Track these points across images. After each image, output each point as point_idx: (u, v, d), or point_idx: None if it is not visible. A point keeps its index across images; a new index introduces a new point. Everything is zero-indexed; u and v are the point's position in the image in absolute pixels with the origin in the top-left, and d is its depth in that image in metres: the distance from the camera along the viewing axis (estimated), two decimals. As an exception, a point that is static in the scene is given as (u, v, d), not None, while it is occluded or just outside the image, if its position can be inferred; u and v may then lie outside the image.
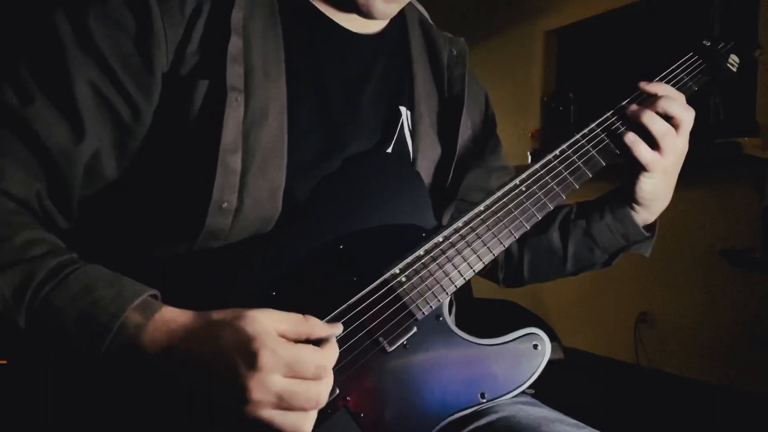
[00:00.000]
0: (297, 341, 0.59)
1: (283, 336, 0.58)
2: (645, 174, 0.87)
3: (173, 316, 0.60)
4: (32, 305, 0.58)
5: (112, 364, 0.58)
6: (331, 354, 0.59)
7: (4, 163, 0.64)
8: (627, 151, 0.85)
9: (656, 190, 0.89)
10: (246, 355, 0.55)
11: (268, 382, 0.54)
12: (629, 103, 0.88)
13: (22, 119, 0.65)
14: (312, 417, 0.58)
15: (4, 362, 0.64)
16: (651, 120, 0.84)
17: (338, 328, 0.63)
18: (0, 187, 0.64)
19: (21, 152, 0.65)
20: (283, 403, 0.55)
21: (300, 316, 0.60)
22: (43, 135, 0.65)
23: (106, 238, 0.71)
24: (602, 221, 0.94)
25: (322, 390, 0.58)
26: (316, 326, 0.60)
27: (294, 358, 0.56)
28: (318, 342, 0.60)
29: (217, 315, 0.59)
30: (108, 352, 0.58)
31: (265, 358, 0.55)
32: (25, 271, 0.59)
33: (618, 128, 0.87)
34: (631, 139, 0.84)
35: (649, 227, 0.95)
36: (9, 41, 0.68)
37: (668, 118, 0.84)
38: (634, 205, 0.91)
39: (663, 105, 0.84)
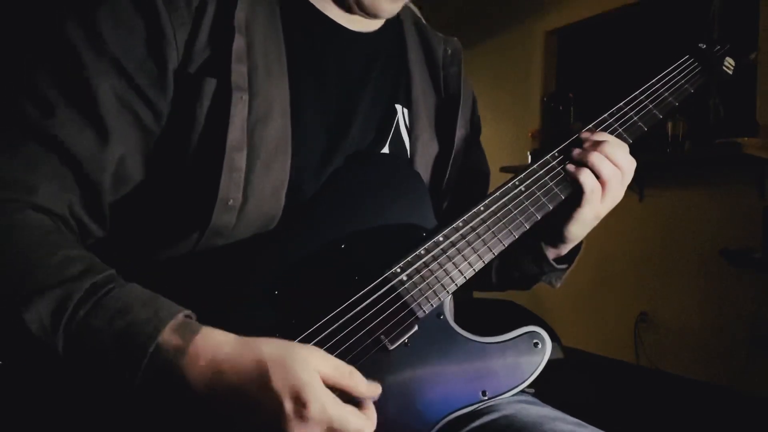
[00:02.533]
0: (334, 389, 0.59)
1: (324, 379, 0.58)
2: (579, 213, 0.83)
3: (217, 342, 0.58)
4: (69, 328, 0.57)
5: (150, 389, 0.57)
6: (371, 424, 0.60)
7: (35, 177, 0.64)
8: (577, 185, 0.82)
9: (581, 234, 0.87)
10: (296, 401, 0.55)
11: None
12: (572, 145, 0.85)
13: (47, 131, 0.64)
14: None
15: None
16: (600, 161, 0.81)
17: (378, 390, 0.63)
18: (33, 201, 0.63)
19: (50, 164, 0.64)
20: None
21: (348, 368, 0.60)
22: (69, 144, 0.65)
23: (114, 238, 0.72)
24: (519, 245, 0.90)
25: None
26: (360, 384, 0.61)
27: (339, 418, 0.57)
28: (358, 403, 0.61)
29: (266, 349, 0.58)
30: (146, 376, 0.56)
31: (314, 411, 0.55)
32: (61, 294, 0.58)
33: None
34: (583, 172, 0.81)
35: (566, 257, 0.93)
36: (21, 55, 0.68)
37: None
38: (552, 243, 0.89)
39: (607, 150, 0.81)
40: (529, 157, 3.88)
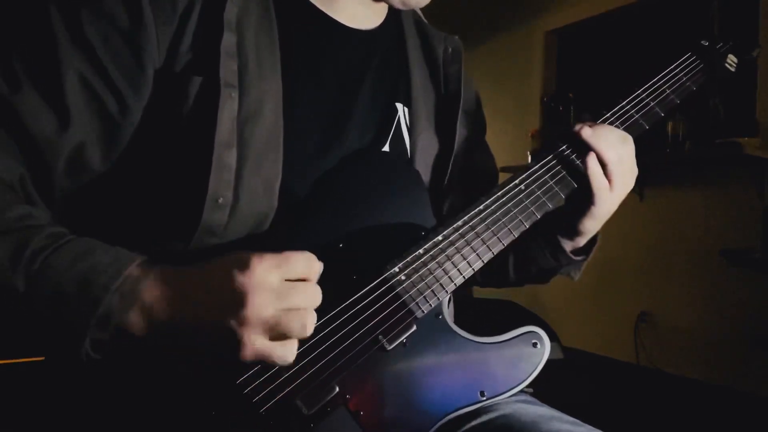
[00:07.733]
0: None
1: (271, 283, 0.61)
2: (593, 207, 0.85)
3: (169, 269, 0.63)
4: (31, 267, 0.59)
5: (110, 322, 0.60)
6: (315, 291, 0.63)
7: None
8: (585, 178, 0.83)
9: (595, 228, 0.89)
10: (234, 302, 0.59)
11: (262, 303, 0.59)
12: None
13: (9, 105, 0.65)
14: (295, 346, 0.62)
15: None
16: (604, 146, 0.82)
17: (316, 263, 0.66)
18: None
19: (5, 138, 0.66)
20: (272, 326, 0.59)
21: (281, 258, 0.63)
22: (28, 122, 0.65)
23: (103, 235, 0.72)
24: (536, 240, 0.92)
25: (309, 319, 0.61)
26: (296, 265, 0.64)
27: (284, 286, 0.61)
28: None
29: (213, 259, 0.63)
30: (105, 312, 0.59)
31: (259, 276, 0.59)
32: (21, 237, 0.61)
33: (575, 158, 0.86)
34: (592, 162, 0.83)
35: (583, 249, 0.94)
36: (1, 30, 0.68)
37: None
38: (568, 236, 0.91)
39: (605, 135, 0.83)
40: (529, 157, 3.88)
